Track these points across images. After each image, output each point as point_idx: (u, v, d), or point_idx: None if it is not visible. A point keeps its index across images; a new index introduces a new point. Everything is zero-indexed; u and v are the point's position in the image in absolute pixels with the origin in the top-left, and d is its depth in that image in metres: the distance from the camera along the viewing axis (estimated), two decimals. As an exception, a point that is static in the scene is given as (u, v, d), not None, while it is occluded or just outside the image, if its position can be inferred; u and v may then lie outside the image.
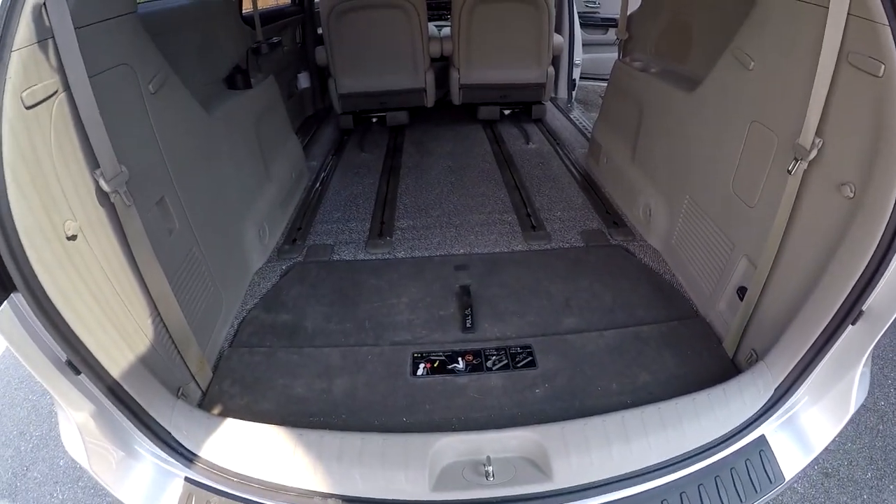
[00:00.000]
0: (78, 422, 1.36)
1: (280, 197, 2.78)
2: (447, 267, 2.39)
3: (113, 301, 1.37)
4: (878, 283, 1.28)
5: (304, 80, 4.41)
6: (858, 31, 1.30)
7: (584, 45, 5.00)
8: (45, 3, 1.14)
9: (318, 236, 2.70)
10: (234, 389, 1.78)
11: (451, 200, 3.02)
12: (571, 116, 4.43)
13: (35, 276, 1.11)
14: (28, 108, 1.14)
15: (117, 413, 1.33)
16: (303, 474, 1.37)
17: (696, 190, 2.17)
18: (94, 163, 1.31)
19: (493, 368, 1.85)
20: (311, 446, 1.42)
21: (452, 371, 1.85)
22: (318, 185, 3.29)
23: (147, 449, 1.42)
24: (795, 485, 2.17)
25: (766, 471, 1.48)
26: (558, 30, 4.73)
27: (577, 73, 4.84)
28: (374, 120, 4.33)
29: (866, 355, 1.44)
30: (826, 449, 2.21)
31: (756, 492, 1.45)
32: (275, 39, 2.96)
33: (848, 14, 1.31)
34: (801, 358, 1.46)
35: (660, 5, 2.78)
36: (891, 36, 1.20)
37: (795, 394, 1.50)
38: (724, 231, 1.97)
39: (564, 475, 1.38)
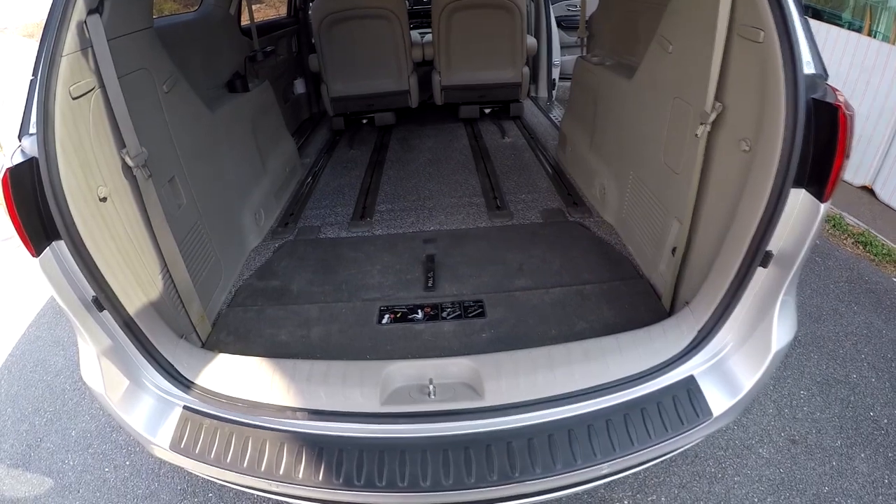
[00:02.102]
0: (98, 352, 1.59)
1: (274, 187, 3.09)
2: (417, 241, 2.67)
3: (132, 253, 1.67)
4: (776, 224, 1.42)
5: (300, 86, 4.75)
6: (743, 6, 1.53)
7: (565, 46, 5.27)
8: (85, 21, 1.52)
9: (307, 220, 3.01)
10: (228, 339, 2.07)
11: (427, 187, 3.31)
12: (550, 115, 4.71)
13: (75, 227, 1.40)
14: (74, 98, 1.49)
15: (130, 347, 1.58)
16: (278, 393, 1.60)
17: (638, 166, 2.42)
18: (121, 143, 1.67)
19: (448, 318, 2.11)
20: (286, 371, 1.66)
21: (412, 320, 2.11)
22: (309, 178, 3.60)
23: (151, 381, 1.64)
24: (760, 449, 2.27)
25: (693, 406, 1.56)
26: (537, 33, 5.03)
27: (556, 74, 5.12)
28: (364, 121, 4.66)
29: (780, 297, 1.53)
30: (793, 417, 2.41)
31: (682, 424, 1.54)
32: (269, 48, 3.29)
33: None
34: (721, 301, 1.59)
35: (613, 5, 3.06)
36: (766, 5, 1.39)
37: (718, 335, 1.62)
38: (659, 199, 2.20)
39: (494, 395, 1.58)
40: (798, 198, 1.41)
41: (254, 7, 5.18)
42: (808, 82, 1.36)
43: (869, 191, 4.46)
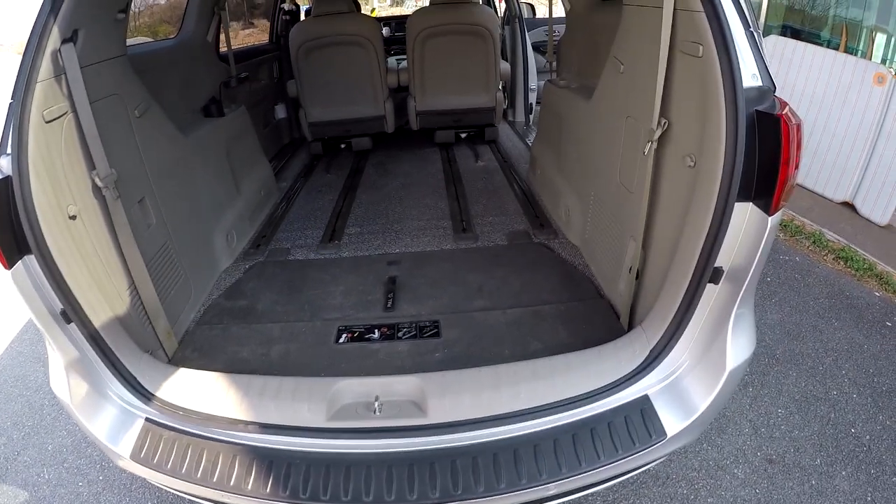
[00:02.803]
0: (64, 363, 1.66)
1: (248, 210, 3.16)
2: (382, 263, 2.71)
3: (100, 270, 1.73)
4: (722, 239, 1.41)
5: (280, 112, 4.86)
6: (684, 22, 1.56)
7: (542, 71, 5.40)
8: (59, 49, 1.61)
9: (278, 242, 3.06)
10: (193, 355, 2.11)
11: (396, 211, 3.36)
12: (527, 139, 4.78)
13: (45, 242, 1.48)
14: (47, 122, 1.58)
15: (95, 358, 1.63)
16: (232, 407, 1.65)
17: (598, 186, 2.46)
18: (91, 165, 1.74)
19: (403, 337, 2.13)
20: (241, 386, 1.71)
21: (369, 339, 2.14)
22: (284, 201, 3.67)
23: (115, 392, 1.69)
24: (735, 469, 2.24)
25: (646, 426, 1.55)
26: (513, 57, 5.17)
27: (533, 98, 5.24)
28: (343, 146, 4.74)
29: (733, 314, 1.52)
30: (770, 436, 2.37)
31: (634, 444, 1.53)
32: (243, 74, 3.40)
33: (675, 9, 1.55)
34: (672, 319, 1.58)
35: (577, 30, 3.17)
36: (705, 20, 1.41)
37: (672, 354, 1.60)
38: (617, 218, 2.23)
39: (438, 413, 1.59)
40: (745, 212, 1.41)
41: (240, 32, 5.35)
42: (751, 95, 1.37)
43: (850, 206, 4.50)
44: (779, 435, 2.39)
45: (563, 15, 3.50)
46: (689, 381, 1.62)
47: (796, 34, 5.22)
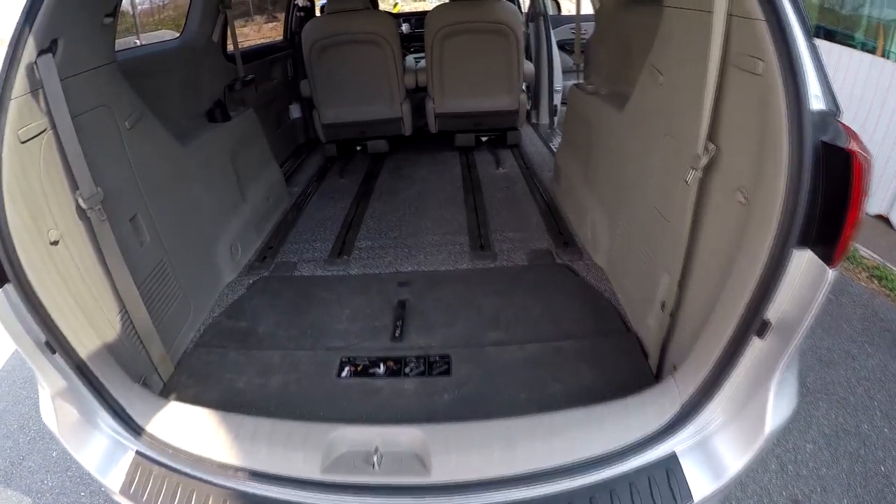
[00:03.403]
0: (51, 393, 1.59)
1: (255, 219, 3.01)
2: (392, 283, 2.52)
3: (86, 297, 1.63)
4: (774, 291, 1.23)
5: (295, 111, 4.68)
6: (739, 31, 1.33)
7: (568, 71, 5.14)
8: (35, 62, 1.47)
9: (285, 254, 2.90)
10: (189, 381, 1.99)
11: (411, 223, 3.16)
12: (551, 144, 4.55)
13: (23, 271, 1.38)
14: (22, 142, 1.46)
15: (83, 389, 1.54)
16: (222, 449, 1.53)
17: (629, 206, 2.24)
18: (74, 185, 1.61)
19: (410, 374, 1.95)
20: (232, 427, 1.58)
21: (373, 375, 1.97)
22: (294, 208, 3.50)
23: (106, 423, 1.60)
24: None
25: (671, 489, 1.42)
26: (537, 57, 4.91)
27: (557, 99, 4.98)
28: (358, 148, 4.55)
29: (778, 372, 1.35)
30: (797, 474, 2.23)
31: None
32: (249, 77, 3.22)
33: (729, 15, 1.32)
34: (709, 373, 1.41)
35: (608, 30, 2.92)
36: (767, 31, 1.20)
37: (705, 411, 1.44)
38: (649, 246, 2.02)
39: (442, 472, 1.43)
40: (802, 259, 1.20)
41: (256, 29, 5.18)
42: (816, 121, 1.16)
43: (884, 220, 4.23)
44: (806, 473, 2.25)
45: (592, 12, 3.23)
46: (721, 440, 1.46)
47: (830, 35, 4.89)
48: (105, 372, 1.58)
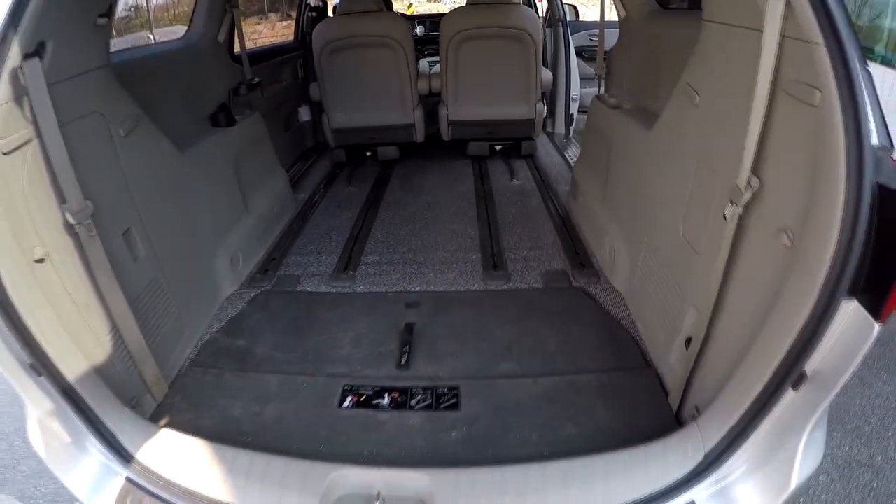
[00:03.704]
0: (38, 416, 1.52)
1: (258, 229, 2.89)
2: (399, 304, 2.40)
3: (74, 317, 1.54)
4: (816, 345, 1.13)
5: (304, 114, 4.57)
6: (794, 55, 1.20)
7: (585, 78, 5.00)
8: (20, 66, 1.36)
9: (288, 267, 2.78)
10: (182, 405, 1.88)
11: (420, 237, 3.03)
12: (566, 154, 4.41)
13: (5, 291, 1.28)
14: (5, 154, 1.36)
15: (71, 413, 1.46)
16: (215, 485, 1.45)
17: (653, 233, 2.11)
18: (61, 198, 1.51)
19: (416, 407, 1.83)
20: (226, 461, 1.50)
21: (377, 406, 1.85)
22: (299, 217, 3.38)
23: (95, 447, 1.52)
24: None
25: None
26: (554, 64, 4.76)
27: (574, 108, 4.84)
28: (368, 154, 4.42)
29: (810, 425, 1.27)
30: None
31: None
32: (255, 80, 3.09)
33: (782, 36, 1.20)
34: (737, 423, 1.33)
35: (633, 40, 2.77)
36: (826, 58, 1.06)
37: (729, 461, 1.36)
38: (675, 278, 1.89)
39: None
40: (848, 311, 1.09)
41: (265, 28, 5.08)
42: (873, 159, 1.03)
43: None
44: (817, 508, 2.13)
45: (616, 19, 3.09)
46: (743, 491, 1.38)
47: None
48: (94, 395, 1.50)
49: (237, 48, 3.15)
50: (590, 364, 2.01)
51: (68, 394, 1.43)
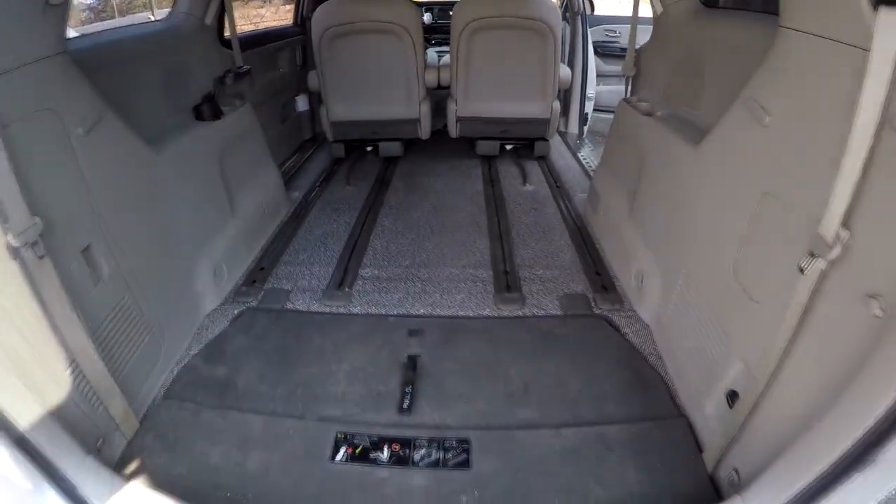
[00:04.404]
0: None
1: (246, 234, 2.61)
2: (401, 330, 2.13)
3: (23, 354, 1.33)
4: None
5: (302, 104, 4.25)
6: None
7: (601, 75, 4.70)
8: None
9: (277, 279, 2.51)
10: (155, 445, 1.67)
11: (425, 248, 2.76)
12: (580, 155, 4.13)
13: None
14: None
15: (26, 464, 1.26)
16: None
17: (694, 265, 1.85)
18: (2, 217, 1.27)
19: (420, 464, 1.58)
20: None
21: (374, 461, 1.60)
22: (293, 219, 3.09)
23: (55, 500, 1.32)
24: None
25: None
26: (571, 59, 4.45)
27: (589, 107, 4.54)
28: (369, 149, 4.11)
29: None
30: None
31: None
32: (243, 68, 2.77)
33: None
34: (789, 502, 1.17)
35: (670, 39, 2.48)
36: None
37: None
38: (719, 321, 1.65)
39: None
40: None
41: (268, 12, 4.73)
42: None
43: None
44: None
45: (643, 15, 2.79)
46: None
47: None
48: (52, 442, 1.30)
49: (228, 32, 2.83)
50: (617, 411, 1.78)
51: (21, 444, 1.23)
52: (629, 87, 2.86)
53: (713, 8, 2.30)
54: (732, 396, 1.49)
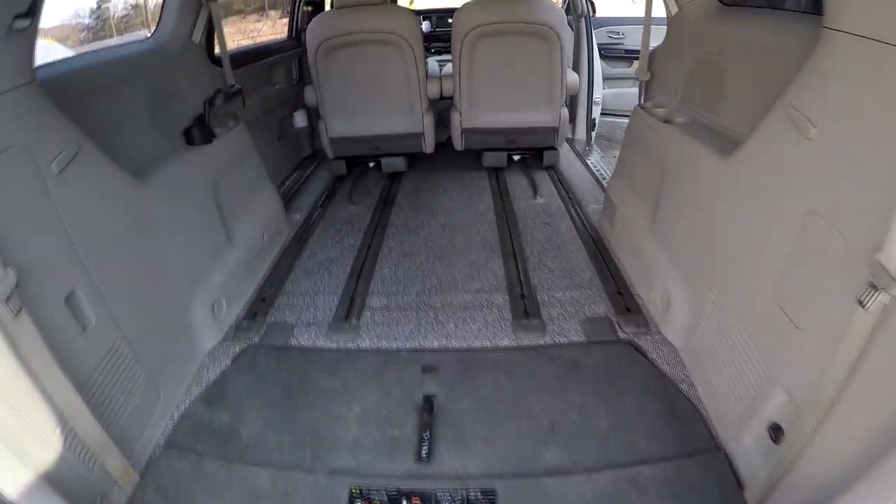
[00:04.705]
0: None
1: (245, 263, 2.47)
2: (414, 367, 1.98)
3: (6, 418, 1.24)
4: None
5: (300, 119, 4.11)
6: None
7: (605, 78, 4.56)
8: None
9: (280, 311, 2.36)
10: (156, 499, 1.56)
11: (435, 272, 2.60)
12: (588, 161, 3.98)
13: None
14: None
15: None
16: None
17: (727, 284, 1.71)
18: None
19: (443, 524, 1.44)
20: None
21: None
22: (294, 244, 2.94)
23: None
24: None
25: None
26: (576, 65, 4.31)
27: (596, 112, 4.40)
28: (371, 165, 3.97)
29: None
30: None
31: None
32: (235, 87, 2.62)
33: None
34: None
35: (687, 41, 2.33)
36: None
37: None
38: (757, 346, 1.52)
39: None
40: None
41: (265, 26, 4.60)
42: None
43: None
44: None
45: (651, 16, 2.63)
46: None
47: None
48: None
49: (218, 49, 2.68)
50: (651, 449, 1.63)
51: None
52: (643, 93, 2.70)
53: (735, 6, 2.16)
54: (776, 430, 1.38)
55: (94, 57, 2.01)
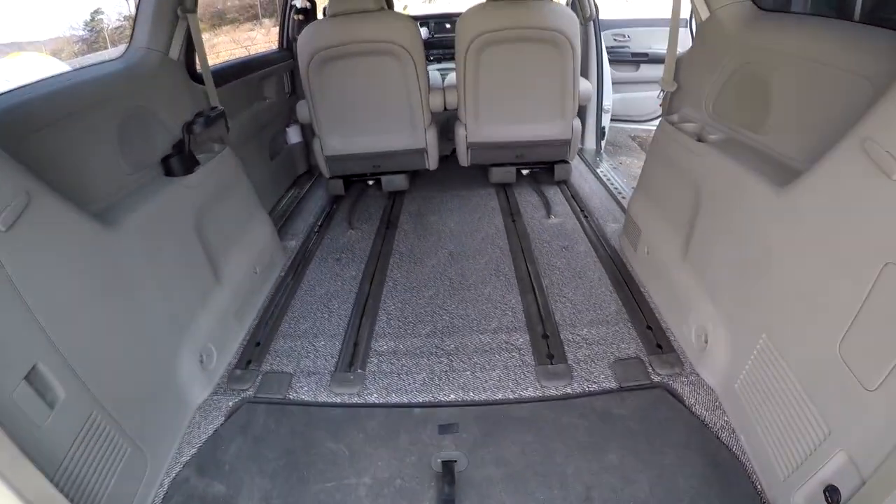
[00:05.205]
0: None
1: (236, 304, 2.24)
2: (430, 426, 1.75)
3: None
4: None
5: (293, 135, 3.87)
6: None
7: (612, 83, 4.34)
8: None
9: (277, 358, 2.13)
10: None
11: (446, 309, 2.37)
12: (599, 172, 3.76)
13: None
14: None
15: None
16: None
17: (779, 330, 1.51)
18: None
19: None
20: None
21: None
22: (290, 277, 2.71)
23: None
24: None
25: None
26: (584, 71, 4.08)
27: (606, 120, 4.17)
28: (371, 183, 3.73)
29: None
30: None
31: None
32: (217, 110, 2.36)
33: None
34: None
35: (721, 48, 2.11)
36: None
37: None
38: (815, 402, 1.33)
39: None
40: None
41: (259, 35, 4.37)
42: None
43: None
44: None
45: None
46: None
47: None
48: None
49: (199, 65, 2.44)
50: None
51: None
52: (667, 106, 2.47)
53: (775, 13, 1.94)
54: (832, 491, 1.24)
55: (54, 82, 1.75)
